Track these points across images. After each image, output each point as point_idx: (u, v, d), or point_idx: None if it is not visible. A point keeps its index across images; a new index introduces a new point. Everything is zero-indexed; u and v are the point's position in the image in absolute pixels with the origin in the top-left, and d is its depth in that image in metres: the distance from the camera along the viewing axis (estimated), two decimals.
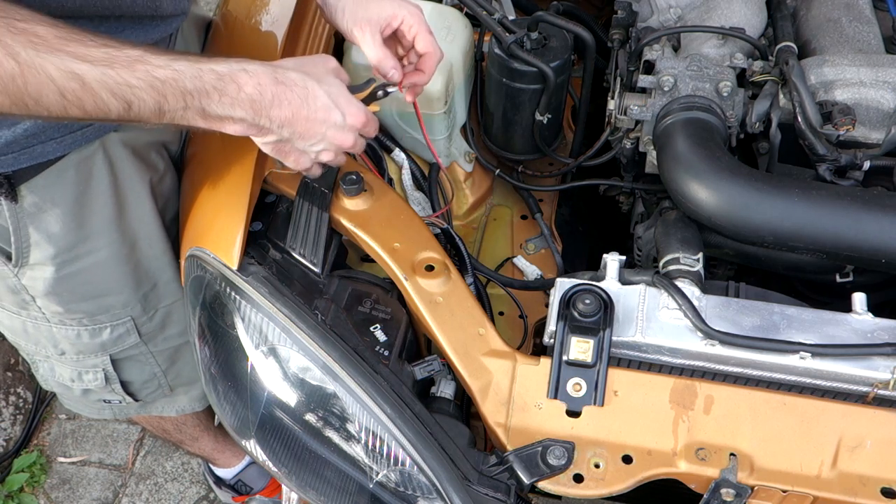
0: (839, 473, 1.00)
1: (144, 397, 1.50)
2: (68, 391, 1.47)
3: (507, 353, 1.10)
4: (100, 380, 1.41)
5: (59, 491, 2.29)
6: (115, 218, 1.22)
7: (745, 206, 1.11)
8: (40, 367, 1.46)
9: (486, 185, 1.64)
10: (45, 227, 1.16)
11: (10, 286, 1.24)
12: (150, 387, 1.48)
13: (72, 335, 1.32)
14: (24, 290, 1.24)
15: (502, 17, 1.43)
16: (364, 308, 1.17)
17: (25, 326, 1.33)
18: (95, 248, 1.22)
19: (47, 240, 1.17)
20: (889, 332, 1.05)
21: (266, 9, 1.37)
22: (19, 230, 1.15)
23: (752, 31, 1.38)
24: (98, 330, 1.33)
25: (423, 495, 1.04)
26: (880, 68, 1.24)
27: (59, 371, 1.42)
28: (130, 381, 1.45)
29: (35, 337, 1.35)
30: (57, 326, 1.31)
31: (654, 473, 1.02)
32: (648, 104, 1.29)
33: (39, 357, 1.42)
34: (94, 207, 1.19)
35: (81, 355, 1.37)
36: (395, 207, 1.22)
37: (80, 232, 1.19)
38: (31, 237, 1.17)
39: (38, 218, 1.15)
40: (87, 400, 1.50)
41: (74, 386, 1.44)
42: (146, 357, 1.42)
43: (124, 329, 1.35)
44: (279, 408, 1.09)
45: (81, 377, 1.42)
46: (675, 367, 1.09)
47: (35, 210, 1.14)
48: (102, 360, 1.38)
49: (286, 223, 1.20)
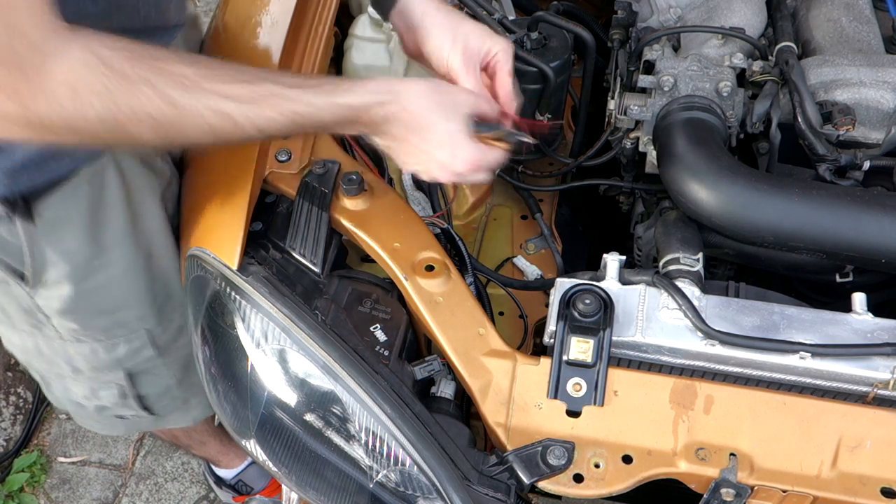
0: (839, 473, 1.00)
1: (159, 410, 1.48)
2: (82, 409, 1.45)
3: (507, 353, 1.10)
4: (115, 396, 1.40)
5: (60, 491, 2.29)
6: (129, 229, 1.20)
7: (745, 206, 1.11)
8: (53, 387, 1.43)
9: (486, 185, 1.64)
10: (60, 245, 1.15)
11: (24, 307, 1.23)
12: (165, 399, 1.46)
13: (87, 352, 1.30)
14: (38, 309, 1.23)
15: (502, 17, 1.43)
16: (364, 308, 1.17)
17: (39, 346, 1.31)
18: (110, 261, 1.21)
19: (63, 257, 1.16)
20: (889, 332, 1.05)
21: (266, 9, 1.36)
22: (34, 250, 1.13)
23: (752, 31, 1.38)
24: (114, 345, 1.31)
25: (423, 495, 1.04)
26: (880, 68, 1.24)
27: (73, 389, 1.40)
28: (146, 394, 1.43)
29: (49, 356, 1.33)
30: (72, 344, 1.29)
31: (654, 473, 1.02)
32: (648, 104, 1.29)
33: (52, 376, 1.40)
34: (108, 220, 1.17)
35: (97, 372, 1.35)
36: (395, 207, 1.22)
37: (95, 246, 1.18)
38: (46, 256, 1.15)
39: (53, 236, 1.13)
40: (101, 417, 1.47)
41: (89, 403, 1.42)
42: (160, 369, 1.40)
43: (140, 342, 1.33)
44: (279, 408, 1.09)
45: (96, 394, 1.40)
46: (675, 367, 1.09)
47: (50, 228, 1.12)
48: (118, 375, 1.36)
49: (286, 223, 1.20)
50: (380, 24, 1.41)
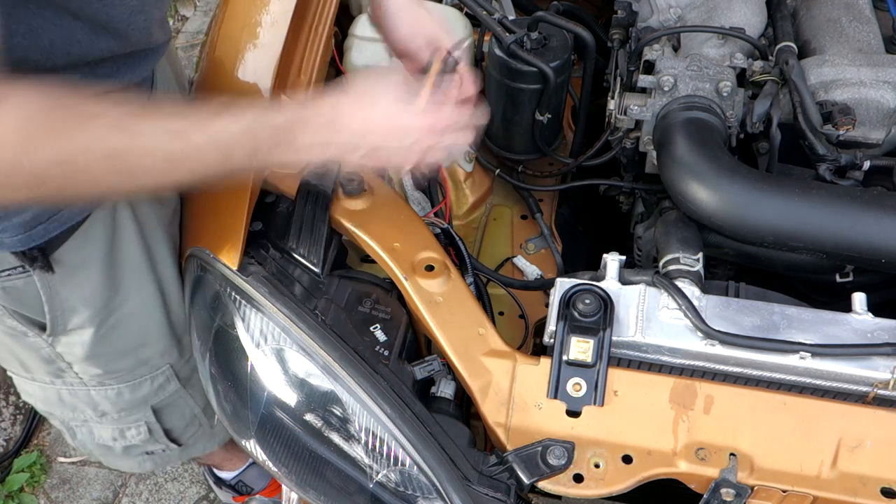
0: (839, 473, 1.00)
1: (187, 440, 1.48)
2: (109, 451, 1.44)
3: (507, 353, 1.10)
4: (143, 433, 1.39)
5: (60, 491, 2.29)
6: (144, 264, 1.20)
7: (745, 206, 1.11)
8: (77, 433, 1.42)
9: (487, 185, 1.64)
10: (79, 291, 1.14)
11: (44, 356, 1.22)
12: (192, 428, 1.46)
13: (112, 395, 1.30)
14: (59, 358, 1.22)
15: (502, 17, 1.43)
16: (364, 308, 1.17)
17: (61, 395, 1.30)
18: (128, 298, 1.20)
19: (83, 302, 1.16)
20: (889, 332, 1.05)
21: (266, 9, 1.36)
22: (53, 299, 1.13)
23: (752, 31, 1.38)
24: (139, 384, 1.31)
25: (423, 495, 1.04)
26: (880, 68, 1.24)
27: (99, 433, 1.39)
28: (172, 427, 1.43)
29: (72, 404, 1.32)
30: (96, 389, 1.28)
31: (654, 473, 1.02)
32: (648, 104, 1.29)
33: (76, 423, 1.39)
34: (123, 258, 1.17)
35: (123, 413, 1.34)
36: (395, 207, 1.22)
37: (113, 286, 1.17)
38: (65, 303, 1.14)
39: (71, 282, 1.13)
40: (129, 456, 1.46)
41: (116, 445, 1.41)
42: (185, 399, 1.40)
43: (164, 378, 1.33)
44: (279, 408, 1.09)
45: (124, 434, 1.39)
46: (675, 367, 1.09)
47: (67, 275, 1.11)
48: (145, 413, 1.36)
49: (286, 223, 1.20)
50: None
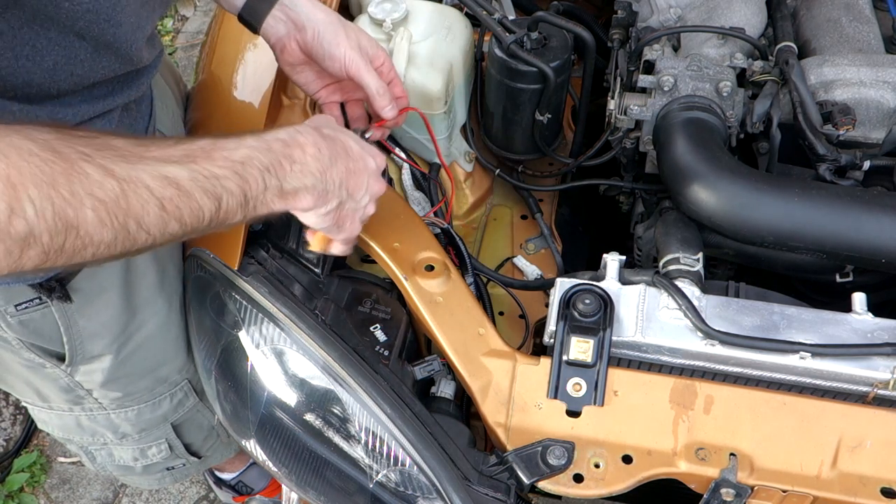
0: (839, 473, 1.00)
1: (206, 452, 1.48)
2: (130, 471, 1.45)
3: (507, 353, 1.10)
4: (164, 450, 1.40)
5: (59, 491, 2.29)
6: (159, 283, 1.20)
7: (745, 206, 1.11)
8: (97, 457, 1.42)
9: (486, 185, 1.64)
10: (97, 318, 1.14)
11: (62, 386, 1.22)
12: (210, 439, 1.47)
13: (132, 416, 1.30)
14: (78, 386, 1.22)
15: (502, 17, 1.43)
16: (364, 308, 1.17)
17: (79, 421, 1.30)
18: (145, 320, 1.20)
19: (102, 329, 1.15)
20: (889, 332, 1.05)
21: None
22: (71, 329, 1.12)
23: (752, 31, 1.38)
24: (158, 402, 1.31)
25: (423, 495, 1.04)
26: (880, 68, 1.24)
27: (119, 455, 1.39)
28: (192, 441, 1.43)
29: (91, 429, 1.32)
30: (115, 412, 1.28)
31: (654, 473, 1.02)
32: (648, 104, 1.29)
33: (95, 447, 1.39)
34: (138, 280, 1.16)
35: (144, 432, 1.35)
36: (394, 207, 1.22)
37: (130, 310, 1.17)
38: (83, 332, 1.14)
39: (89, 310, 1.12)
40: (149, 474, 1.47)
41: (137, 464, 1.42)
42: (203, 412, 1.40)
43: (183, 393, 1.33)
44: (279, 408, 1.09)
45: (145, 453, 1.39)
46: (675, 367, 1.09)
47: (86, 303, 1.11)
48: (165, 430, 1.36)
49: (286, 223, 1.20)
50: (380, 23, 1.41)
